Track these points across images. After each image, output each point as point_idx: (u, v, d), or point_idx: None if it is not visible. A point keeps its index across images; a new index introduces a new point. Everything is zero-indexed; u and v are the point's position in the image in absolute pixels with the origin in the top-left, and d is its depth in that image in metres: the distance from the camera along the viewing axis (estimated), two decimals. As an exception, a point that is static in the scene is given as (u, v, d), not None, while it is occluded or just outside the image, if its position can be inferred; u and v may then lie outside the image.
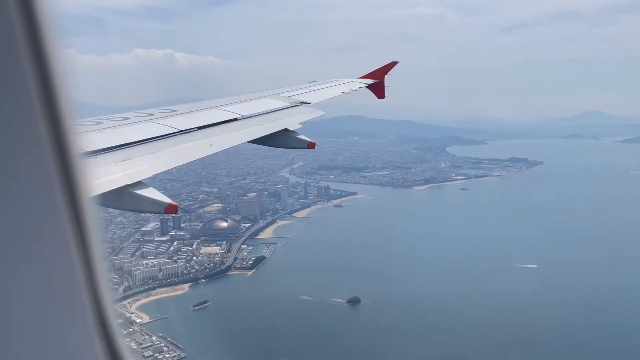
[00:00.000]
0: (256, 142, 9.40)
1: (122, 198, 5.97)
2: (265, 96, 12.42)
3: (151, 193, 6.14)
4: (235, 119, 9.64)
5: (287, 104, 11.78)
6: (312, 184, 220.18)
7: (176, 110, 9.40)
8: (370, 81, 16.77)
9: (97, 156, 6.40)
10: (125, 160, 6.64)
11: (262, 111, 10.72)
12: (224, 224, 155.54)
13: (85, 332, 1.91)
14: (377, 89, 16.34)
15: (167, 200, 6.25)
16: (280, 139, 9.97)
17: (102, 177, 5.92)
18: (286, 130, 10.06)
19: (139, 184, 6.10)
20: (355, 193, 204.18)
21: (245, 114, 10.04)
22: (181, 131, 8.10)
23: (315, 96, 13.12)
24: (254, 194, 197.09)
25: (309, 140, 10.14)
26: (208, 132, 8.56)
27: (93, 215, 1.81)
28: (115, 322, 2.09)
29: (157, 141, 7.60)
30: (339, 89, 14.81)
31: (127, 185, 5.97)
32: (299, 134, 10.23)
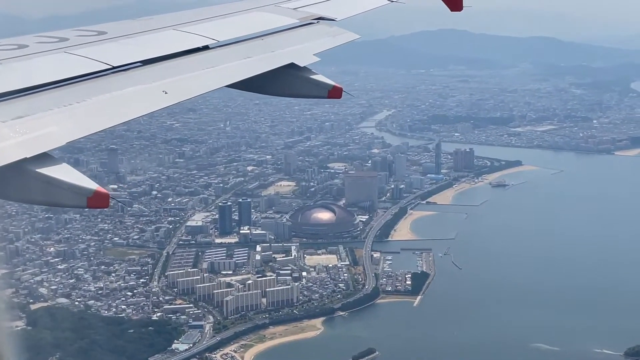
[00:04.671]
0: (240, 87, 9.62)
1: (15, 181, 6.18)
2: (256, 7, 12.68)
3: (65, 174, 6.26)
4: (207, 47, 9.93)
5: (294, 21, 12.07)
6: (431, 148, 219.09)
7: (106, 33, 9.67)
8: None
9: None
10: (20, 117, 6.79)
11: (251, 34, 11.04)
12: (328, 216, 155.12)
13: None
14: None
15: (92, 185, 6.30)
16: (281, 82, 10.18)
17: None
18: (292, 66, 10.17)
19: (44, 158, 6.27)
20: (519, 163, 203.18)
21: (222, 38, 10.31)
22: (114, 68, 8.34)
23: (342, 7, 13.41)
24: (344, 164, 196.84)
25: (331, 82, 10.19)
26: (160, 69, 8.82)
27: None
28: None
29: (74, 85, 7.74)
30: None
31: (24, 161, 6.14)
32: (315, 73, 10.31)
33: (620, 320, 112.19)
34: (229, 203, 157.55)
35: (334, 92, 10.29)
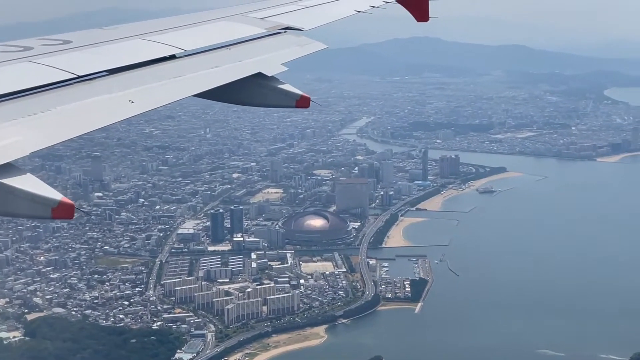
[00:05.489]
0: (208, 97, 9.72)
1: None
2: (224, 17, 12.75)
3: (29, 184, 6.22)
4: (174, 56, 9.95)
5: (261, 31, 12.20)
6: (414, 154, 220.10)
7: (71, 42, 9.63)
8: None
9: None
10: None
11: (218, 43, 11.08)
12: (321, 223, 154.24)
13: None
14: (416, 5, 15.94)
15: (57, 195, 6.19)
16: (249, 91, 10.26)
17: None
18: (260, 76, 10.25)
19: (8, 169, 6.28)
20: (503, 169, 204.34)
21: (189, 47, 10.36)
22: (80, 77, 8.28)
23: (309, 17, 13.54)
24: (330, 171, 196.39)
25: (299, 92, 10.27)
26: (125, 78, 8.80)
27: None
28: None
29: (39, 94, 7.71)
30: (351, 4, 15.06)
31: None
32: (283, 83, 10.40)
33: (622, 324, 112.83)
34: (220, 210, 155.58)
35: (302, 102, 10.23)
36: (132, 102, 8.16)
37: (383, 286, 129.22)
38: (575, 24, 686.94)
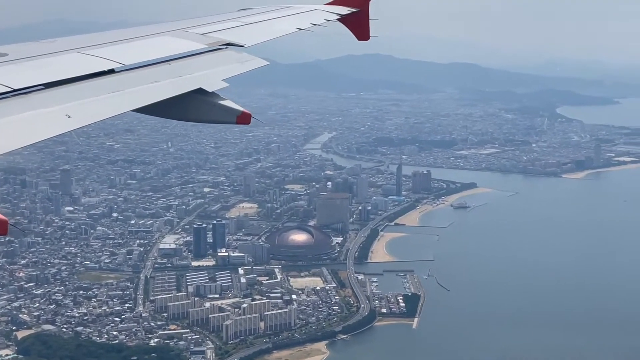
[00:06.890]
0: (147, 112, 9.66)
1: None
2: (165, 32, 12.80)
3: None
4: (112, 71, 9.90)
5: (202, 47, 12.29)
6: (383, 170, 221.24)
7: (7, 55, 9.59)
8: (344, 10, 16.39)
9: None
10: None
11: (158, 58, 11.11)
12: (305, 238, 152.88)
13: None
14: (357, 24, 15.98)
15: None
16: (189, 107, 10.20)
17: None
18: (200, 91, 10.31)
19: None
20: (474, 185, 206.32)
21: (128, 62, 10.32)
22: (16, 91, 8.25)
23: (250, 34, 13.71)
24: (302, 186, 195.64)
25: (239, 108, 10.30)
26: (63, 92, 8.76)
27: None
28: None
29: None
30: (292, 22, 15.21)
31: None
32: (223, 99, 10.46)
33: (619, 335, 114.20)
34: (203, 225, 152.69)
35: (243, 118, 10.08)
36: (69, 117, 7.92)
37: (377, 301, 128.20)
38: (516, 44, 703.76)
